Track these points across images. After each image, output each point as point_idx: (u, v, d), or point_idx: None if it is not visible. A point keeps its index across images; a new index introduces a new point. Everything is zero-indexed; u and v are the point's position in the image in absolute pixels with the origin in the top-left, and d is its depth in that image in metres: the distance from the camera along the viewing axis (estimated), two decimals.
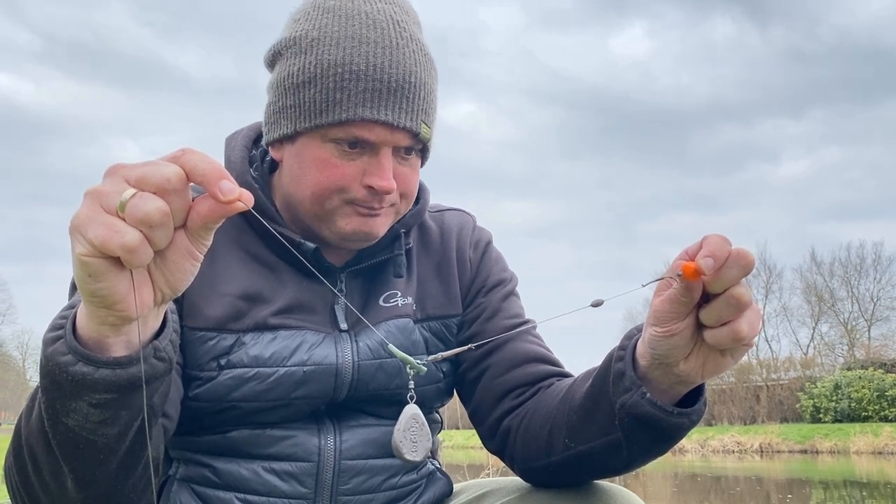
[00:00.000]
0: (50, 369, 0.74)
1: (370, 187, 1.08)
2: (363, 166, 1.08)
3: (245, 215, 1.15)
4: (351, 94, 1.05)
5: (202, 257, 0.69)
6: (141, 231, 0.63)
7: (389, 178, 1.08)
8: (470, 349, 0.97)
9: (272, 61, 1.14)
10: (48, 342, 0.75)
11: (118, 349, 0.73)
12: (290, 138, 1.11)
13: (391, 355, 0.92)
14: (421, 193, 1.26)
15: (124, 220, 0.63)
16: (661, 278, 0.86)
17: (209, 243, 0.69)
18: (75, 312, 0.75)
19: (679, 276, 0.81)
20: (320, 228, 1.13)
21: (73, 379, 0.73)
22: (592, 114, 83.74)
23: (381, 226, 1.12)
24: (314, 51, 1.08)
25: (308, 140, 1.09)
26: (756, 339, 0.86)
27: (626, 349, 0.96)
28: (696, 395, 0.95)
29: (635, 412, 0.93)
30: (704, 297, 0.84)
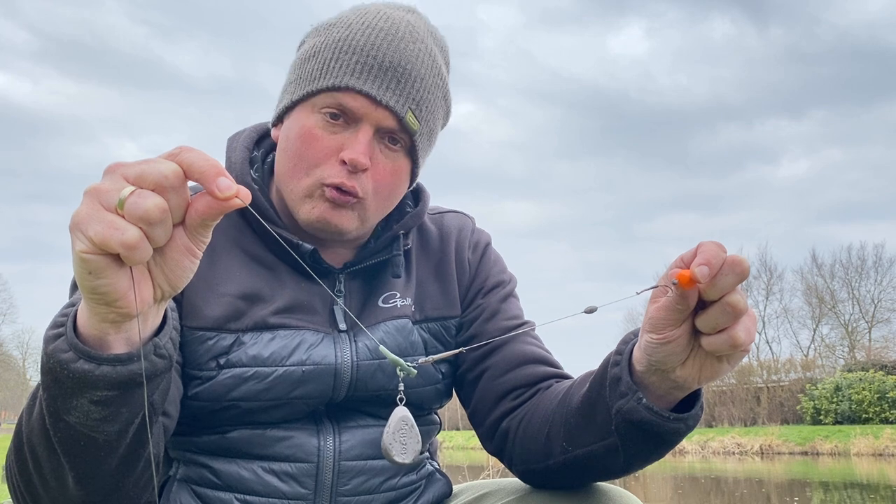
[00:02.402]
0: (51, 367, 0.74)
1: (343, 162, 1.08)
2: (342, 140, 1.09)
3: (244, 216, 1.16)
4: (343, 65, 1.08)
5: (201, 254, 0.70)
6: (140, 228, 0.63)
7: (363, 154, 1.08)
8: (461, 352, 0.97)
9: (298, 48, 1.19)
10: (49, 340, 0.75)
11: (119, 346, 0.74)
12: (288, 111, 1.14)
13: (383, 356, 0.92)
14: (420, 195, 1.26)
15: (123, 217, 0.63)
16: (656, 286, 0.85)
17: (208, 240, 0.69)
18: (76, 310, 0.75)
19: (674, 284, 0.81)
20: (296, 216, 1.13)
21: (74, 376, 0.73)
22: (592, 114, 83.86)
23: (346, 220, 1.11)
24: (326, 32, 1.13)
25: (300, 111, 1.12)
26: (753, 343, 0.85)
27: (622, 354, 0.96)
28: (693, 399, 0.95)
29: (632, 417, 0.93)
30: (701, 303, 0.83)
